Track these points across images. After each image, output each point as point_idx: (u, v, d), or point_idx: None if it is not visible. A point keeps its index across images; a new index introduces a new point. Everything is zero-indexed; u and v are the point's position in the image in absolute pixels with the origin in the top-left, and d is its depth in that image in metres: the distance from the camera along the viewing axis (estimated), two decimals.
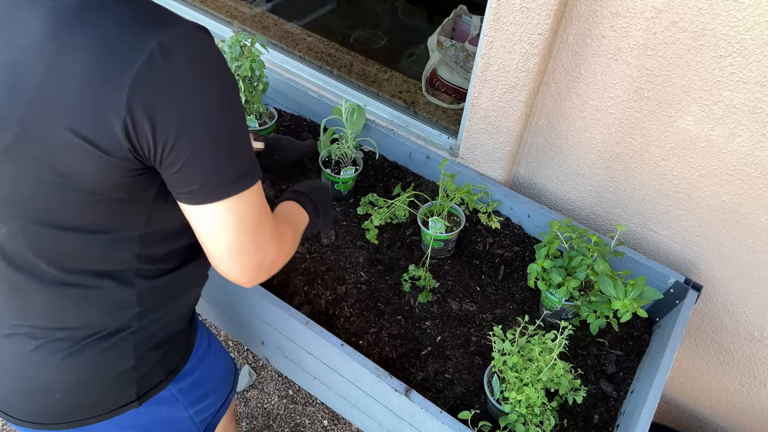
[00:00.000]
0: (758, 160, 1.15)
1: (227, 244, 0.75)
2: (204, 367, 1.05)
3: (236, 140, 0.73)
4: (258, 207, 0.77)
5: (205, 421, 1.10)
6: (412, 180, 1.60)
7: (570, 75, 1.28)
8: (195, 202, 0.72)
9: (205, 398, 1.07)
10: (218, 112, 0.69)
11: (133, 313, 0.87)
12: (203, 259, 0.93)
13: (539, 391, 1.08)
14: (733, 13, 1.01)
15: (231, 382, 1.17)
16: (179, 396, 1.00)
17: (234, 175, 0.72)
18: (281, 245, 0.83)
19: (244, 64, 1.46)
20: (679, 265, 1.42)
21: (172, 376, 0.97)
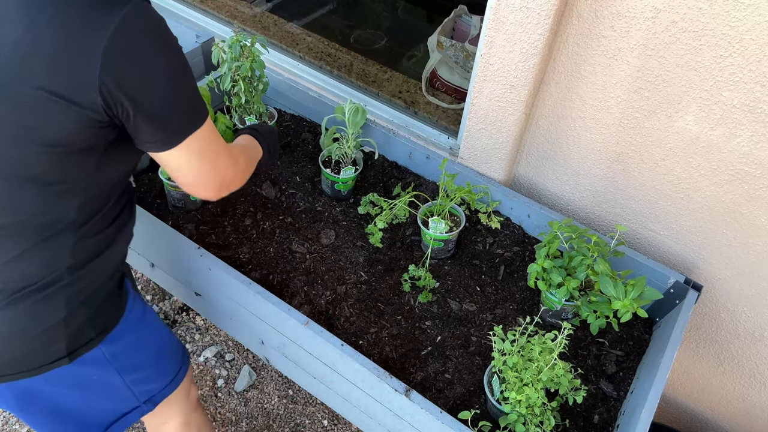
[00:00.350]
0: (758, 160, 1.15)
1: (192, 174, 0.93)
2: (138, 334, 1.08)
3: (187, 92, 0.88)
4: (210, 140, 0.93)
5: (145, 393, 1.13)
6: (412, 180, 1.60)
7: (570, 75, 1.28)
8: (159, 149, 0.88)
9: (142, 368, 1.10)
10: (173, 71, 0.85)
11: (66, 266, 0.93)
12: (132, 219, 1.07)
13: (539, 391, 1.08)
14: (733, 13, 1.01)
15: (175, 359, 1.19)
16: (111, 359, 1.03)
17: (186, 121, 0.88)
18: (236, 167, 1.02)
19: (245, 64, 1.46)
20: (679, 265, 1.42)
21: (102, 335, 1.00)
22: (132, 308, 1.07)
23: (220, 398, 1.97)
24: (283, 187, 1.57)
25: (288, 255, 1.42)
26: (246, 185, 1.56)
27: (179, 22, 1.94)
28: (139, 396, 1.12)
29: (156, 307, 2.18)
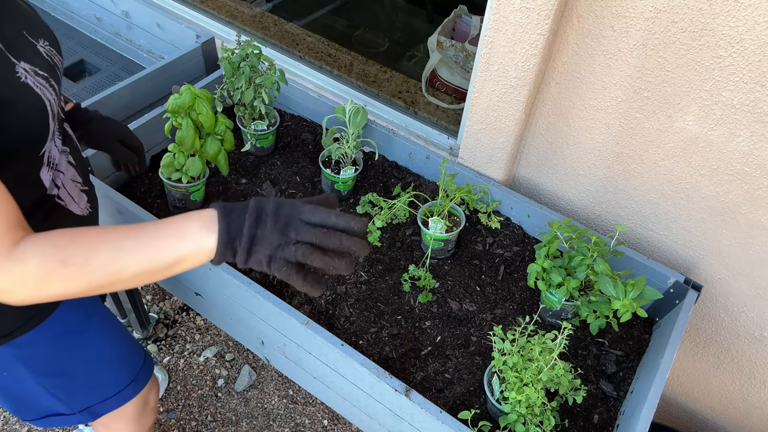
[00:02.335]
0: (758, 160, 1.15)
1: None
2: (63, 342, 1.04)
3: None
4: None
5: (77, 401, 1.11)
6: (412, 180, 1.60)
7: (570, 75, 1.28)
8: None
9: (64, 375, 1.07)
10: None
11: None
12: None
13: (539, 391, 1.08)
14: (733, 13, 1.02)
15: (122, 375, 1.16)
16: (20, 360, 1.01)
17: None
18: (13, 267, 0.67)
19: (269, 77, 1.49)
20: (678, 265, 1.42)
21: (5, 338, 0.96)
22: (60, 320, 1.02)
23: (220, 398, 1.97)
24: (283, 187, 1.57)
25: None
26: (246, 185, 1.56)
27: (179, 22, 1.95)
28: (69, 403, 1.10)
29: (156, 307, 2.19)
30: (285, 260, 0.71)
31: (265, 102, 1.53)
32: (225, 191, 1.54)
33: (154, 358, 2.05)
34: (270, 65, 1.52)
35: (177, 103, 1.29)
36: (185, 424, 1.90)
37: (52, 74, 0.91)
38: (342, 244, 0.72)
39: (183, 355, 2.07)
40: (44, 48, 0.92)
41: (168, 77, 1.78)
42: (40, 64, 0.88)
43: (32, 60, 0.87)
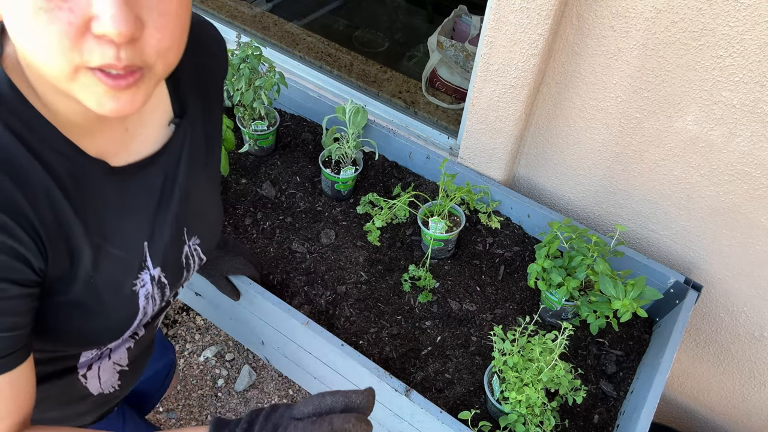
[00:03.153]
0: (758, 160, 1.15)
1: None
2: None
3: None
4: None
5: None
6: (412, 180, 1.60)
7: (570, 75, 1.28)
8: None
9: None
10: None
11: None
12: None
13: (539, 391, 1.08)
14: (733, 13, 1.02)
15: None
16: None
17: None
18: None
19: (268, 80, 1.49)
20: (679, 265, 1.42)
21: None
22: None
23: (220, 398, 1.97)
24: (283, 187, 1.57)
25: (288, 255, 1.42)
26: (246, 185, 1.57)
27: None
28: None
29: None
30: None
31: (265, 104, 1.53)
32: (225, 191, 1.54)
33: None
34: (270, 67, 1.52)
35: None
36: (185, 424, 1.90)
37: (176, 278, 0.84)
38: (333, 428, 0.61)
39: (183, 355, 2.07)
40: (191, 247, 0.86)
41: None
42: (172, 268, 0.82)
43: (166, 266, 0.80)
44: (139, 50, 0.53)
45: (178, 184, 0.77)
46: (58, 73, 0.52)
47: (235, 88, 1.50)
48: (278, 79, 1.52)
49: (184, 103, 0.78)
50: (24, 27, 0.50)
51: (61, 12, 0.49)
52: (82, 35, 0.50)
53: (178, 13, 0.55)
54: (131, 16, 0.50)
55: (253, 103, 1.52)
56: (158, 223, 0.77)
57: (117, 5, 0.49)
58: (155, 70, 0.56)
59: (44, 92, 0.59)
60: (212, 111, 0.85)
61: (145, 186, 0.74)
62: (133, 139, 0.72)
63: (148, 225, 0.75)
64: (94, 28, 0.50)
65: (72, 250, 0.65)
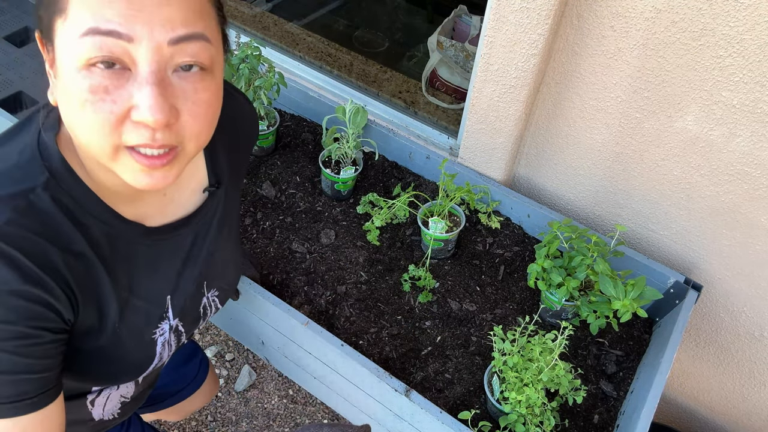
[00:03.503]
0: (758, 160, 1.15)
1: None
2: None
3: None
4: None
5: None
6: (412, 180, 1.60)
7: (570, 75, 1.28)
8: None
9: None
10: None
11: None
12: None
13: (539, 392, 1.08)
14: (733, 13, 1.02)
15: None
16: None
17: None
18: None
19: (268, 80, 1.49)
20: (679, 265, 1.42)
21: None
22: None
23: (220, 398, 1.97)
24: (283, 187, 1.57)
25: (288, 255, 1.42)
26: (246, 185, 1.56)
27: None
28: None
29: None
30: None
31: (264, 104, 1.53)
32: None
33: None
34: (269, 67, 1.52)
35: None
36: (185, 424, 1.90)
37: (192, 326, 0.91)
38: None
39: None
40: (210, 298, 0.92)
41: None
42: (190, 318, 0.88)
43: (184, 316, 0.87)
44: (174, 133, 0.60)
45: (206, 245, 0.84)
46: (101, 152, 0.60)
47: None
48: (278, 79, 1.52)
49: (219, 174, 0.85)
50: (73, 114, 0.58)
51: (105, 104, 0.56)
52: (122, 121, 0.58)
53: (210, 102, 0.62)
54: (167, 105, 0.57)
55: (253, 103, 1.52)
56: (183, 278, 0.83)
57: (154, 97, 0.56)
58: (187, 150, 0.63)
59: (91, 167, 0.67)
60: (241, 178, 0.93)
61: (176, 245, 0.80)
62: (170, 203, 0.79)
63: (173, 280, 0.82)
64: (133, 116, 0.57)
65: (101, 306, 0.72)
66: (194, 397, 1.43)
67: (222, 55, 0.65)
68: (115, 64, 0.56)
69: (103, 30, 0.54)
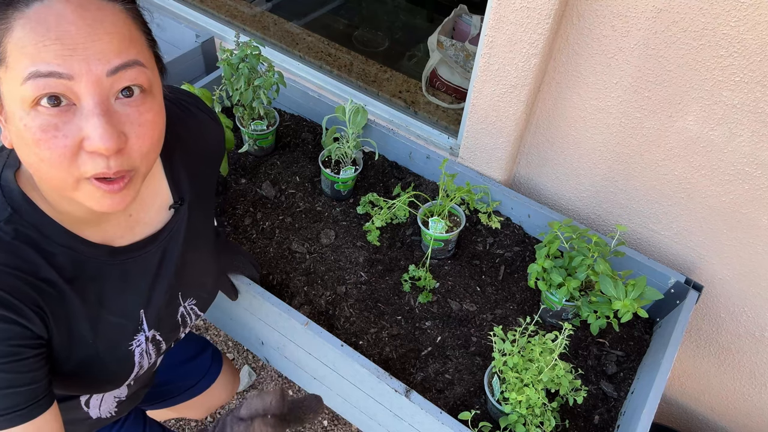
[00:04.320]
0: (759, 160, 1.15)
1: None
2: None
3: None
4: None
5: None
6: (412, 180, 1.59)
7: (570, 75, 1.28)
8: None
9: None
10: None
11: None
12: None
13: (540, 392, 1.08)
14: (733, 13, 1.01)
15: None
16: None
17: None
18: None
19: (267, 79, 1.48)
20: (679, 265, 1.42)
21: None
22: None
23: None
24: (282, 187, 1.57)
25: (288, 255, 1.42)
26: (246, 185, 1.56)
27: (179, 22, 1.94)
28: None
29: None
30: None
31: (264, 103, 1.53)
32: (225, 191, 1.54)
33: None
34: (269, 66, 1.52)
35: None
36: (185, 425, 1.90)
37: (171, 335, 0.93)
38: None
39: None
40: (187, 308, 0.94)
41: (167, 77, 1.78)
42: (167, 327, 0.91)
43: (160, 327, 0.89)
44: (125, 157, 0.64)
45: (173, 259, 0.87)
46: (62, 185, 0.64)
47: (234, 87, 1.50)
48: (277, 79, 1.52)
49: (182, 191, 0.88)
50: (29, 154, 0.62)
51: (57, 140, 0.60)
52: (76, 154, 0.62)
53: (155, 121, 0.67)
54: (115, 132, 0.61)
55: (252, 103, 1.52)
56: (155, 292, 0.86)
57: (102, 126, 0.60)
58: (140, 171, 0.68)
59: (53, 199, 0.71)
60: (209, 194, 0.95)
61: (144, 262, 0.83)
62: (137, 223, 0.82)
63: (144, 294, 0.85)
64: (86, 146, 0.61)
65: (72, 324, 0.75)
66: (212, 391, 1.44)
67: (158, 76, 0.71)
68: (60, 101, 0.60)
69: (44, 72, 0.58)
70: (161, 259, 0.86)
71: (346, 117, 1.49)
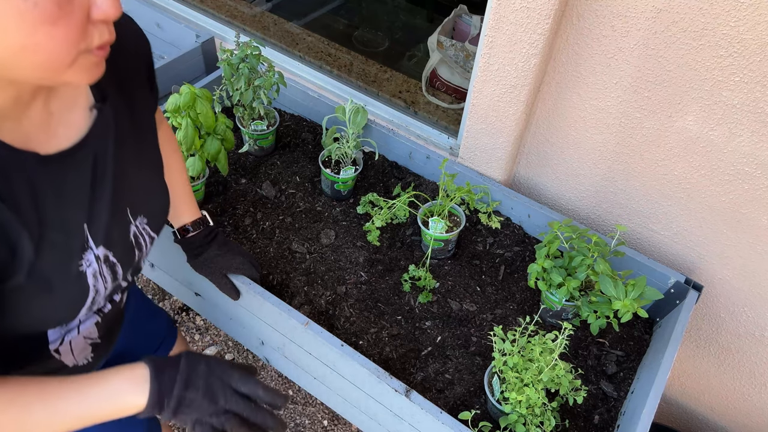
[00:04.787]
0: (759, 160, 1.15)
1: None
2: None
3: None
4: None
5: None
6: (412, 180, 1.59)
7: (570, 75, 1.28)
8: None
9: None
10: None
11: None
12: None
13: (540, 392, 1.08)
14: (733, 13, 1.01)
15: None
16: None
17: None
18: None
19: (267, 79, 1.48)
20: (679, 265, 1.42)
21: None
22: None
23: None
24: (283, 186, 1.57)
25: (288, 255, 1.42)
26: (246, 185, 1.56)
27: (179, 21, 1.94)
28: None
29: None
30: (211, 426, 0.80)
31: (264, 103, 1.53)
32: (225, 191, 1.54)
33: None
34: (269, 66, 1.52)
35: (177, 102, 1.29)
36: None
37: (127, 257, 0.88)
38: (266, 423, 0.81)
39: None
40: (138, 227, 0.89)
41: (168, 77, 1.78)
42: (120, 248, 0.85)
43: (111, 245, 0.84)
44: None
45: (108, 165, 0.82)
46: (63, 62, 0.60)
47: (234, 87, 1.50)
48: (277, 79, 1.52)
49: (103, 90, 0.83)
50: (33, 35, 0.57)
51: (74, 14, 0.58)
52: (87, 25, 0.59)
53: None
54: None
55: (253, 103, 1.52)
56: (96, 204, 0.80)
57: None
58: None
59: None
60: (136, 98, 0.89)
61: (77, 170, 0.78)
62: (59, 124, 0.76)
63: (86, 206, 0.79)
64: (94, 15, 0.60)
65: (10, 242, 0.69)
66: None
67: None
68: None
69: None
70: (94, 166, 0.80)
71: (346, 117, 1.50)
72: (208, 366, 0.82)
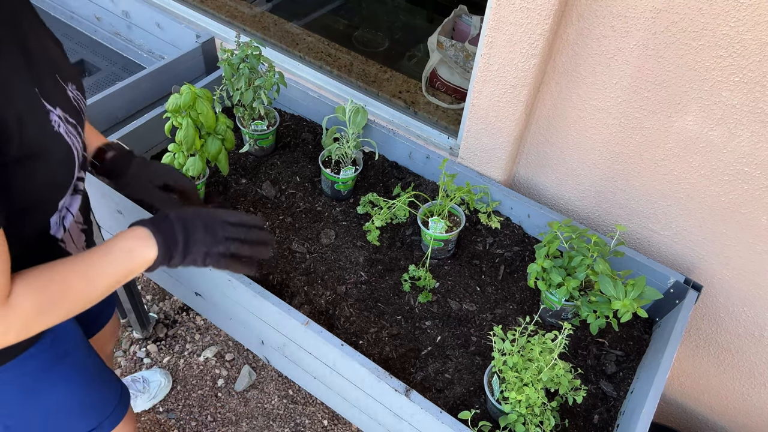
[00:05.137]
0: (758, 160, 1.15)
1: None
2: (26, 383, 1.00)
3: None
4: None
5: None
6: (412, 180, 1.60)
7: (570, 75, 1.28)
8: None
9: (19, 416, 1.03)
10: None
11: None
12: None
13: (539, 391, 1.08)
14: (733, 13, 1.02)
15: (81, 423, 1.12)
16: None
17: None
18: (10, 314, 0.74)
19: (267, 80, 1.48)
20: (679, 265, 1.42)
21: None
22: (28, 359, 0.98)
23: (220, 398, 1.97)
24: (283, 186, 1.57)
25: (288, 255, 1.42)
26: (246, 185, 1.56)
27: (179, 21, 1.95)
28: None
29: (156, 306, 2.19)
30: (220, 254, 0.93)
31: (264, 103, 1.53)
32: (225, 191, 1.54)
33: (154, 358, 2.06)
34: (269, 67, 1.52)
35: (178, 102, 1.29)
36: (185, 424, 1.90)
37: (78, 120, 0.91)
38: (260, 237, 0.97)
39: (183, 355, 2.07)
40: (73, 93, 0.92)
41: (168, 77, 1.78)
42: (70, 110, 0.88)
43: (64, 106, 0.86)
44: None
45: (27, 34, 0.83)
46: None
47: (234, 87, 1.50)
48: (278, 79, 1.52)
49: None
50: None
51: None
52: None
53: None
54: None
55: (253, 103, 1.52)
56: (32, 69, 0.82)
57: None
58: None
59: None
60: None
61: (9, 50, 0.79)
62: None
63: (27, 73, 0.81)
64: None
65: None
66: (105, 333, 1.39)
67: None
68: None
69: None
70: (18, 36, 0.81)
71: (346, 117, 1.50)
72: (195, 211, 0.94)
